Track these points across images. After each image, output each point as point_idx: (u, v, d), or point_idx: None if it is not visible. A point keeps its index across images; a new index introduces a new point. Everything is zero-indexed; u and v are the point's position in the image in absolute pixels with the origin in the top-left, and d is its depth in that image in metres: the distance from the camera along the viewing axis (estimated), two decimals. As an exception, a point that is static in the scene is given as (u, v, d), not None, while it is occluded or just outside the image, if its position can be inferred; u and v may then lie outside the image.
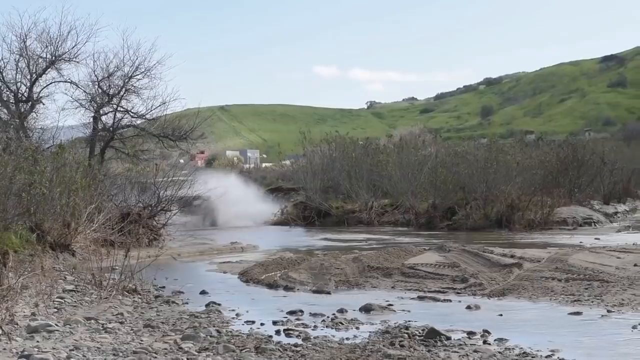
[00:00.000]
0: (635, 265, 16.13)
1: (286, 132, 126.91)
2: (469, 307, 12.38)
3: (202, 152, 78.90)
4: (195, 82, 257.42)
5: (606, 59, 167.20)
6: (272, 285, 15.34)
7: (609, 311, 11.66)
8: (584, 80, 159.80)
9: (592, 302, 12.49)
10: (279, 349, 9.04)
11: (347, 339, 9.90)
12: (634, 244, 21.09)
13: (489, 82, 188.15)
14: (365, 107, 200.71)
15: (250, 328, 10.77)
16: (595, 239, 24.50)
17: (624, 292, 13.12)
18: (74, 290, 13.21)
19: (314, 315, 11.70)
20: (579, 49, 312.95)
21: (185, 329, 10.39)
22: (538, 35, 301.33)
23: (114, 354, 8.43)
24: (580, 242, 22.91)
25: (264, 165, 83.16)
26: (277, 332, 10.38)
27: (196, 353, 8.77)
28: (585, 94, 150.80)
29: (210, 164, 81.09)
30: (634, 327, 10.45)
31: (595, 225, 30.83)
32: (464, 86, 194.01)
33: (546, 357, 8.73)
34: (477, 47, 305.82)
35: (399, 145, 44.46)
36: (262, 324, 11.07)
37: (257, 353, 8.88)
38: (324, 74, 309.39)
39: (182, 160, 34.29)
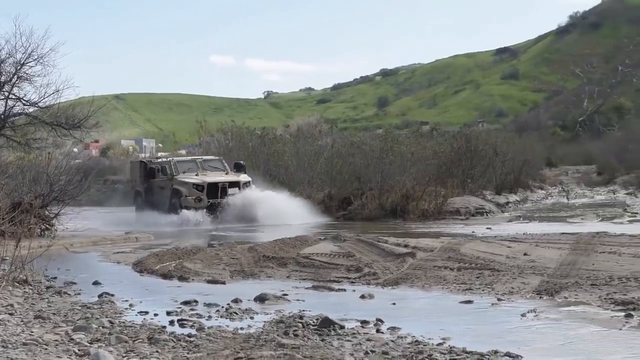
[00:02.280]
0: (525, 254, 16.46)
1: (182, 121, 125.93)
2: (363, 297, 12.47)
3: (97, 141, 77.83)
4: (90, 71, 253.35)
5: (500, 51, 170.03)
6: (166, 276, 15.23)
7: (499, 299, 11.88)
8: (478, 72, 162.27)
9: (483, 290, 12.70)
10: (172, 340, 8.98)
11: (242, 328, 9.89)
12: (524, 233, 21.51)
13: (385, 73, 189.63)
14: (262, 97, 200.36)
15: (144, 319, 10.67)
16: (487, 228, 24.95)
17: (513, 280, 13.38)
18: (-38, 282, 12.89)
19: (209, 305, 11.65)
20: (474, 41, 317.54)
21: (77, 320, 10.24)
22: (433, 27, 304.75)
23: (2, 346, 8.26)
24: (473, 232, 23.29)
25: (159, 154, 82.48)
26: (171, 323, 10.31)
27: (88, 344, 8.66)
28: (479, 85, 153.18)
29: (105, 153, 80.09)
30: (523, 314, 10.66)
31: (487, 215, 31.39)
32: (361, 77, 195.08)
33: (437, 344, 8.85)
34: (373, 38, 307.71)
35: (295, 135, 44.60)
36: (155, 315, 10.98)
37: (150, 344, 8.81)
38: (220, 64, 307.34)
39: (75, 149, 33.77)
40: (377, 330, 9.76)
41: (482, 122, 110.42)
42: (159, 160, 34.85)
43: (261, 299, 12.17)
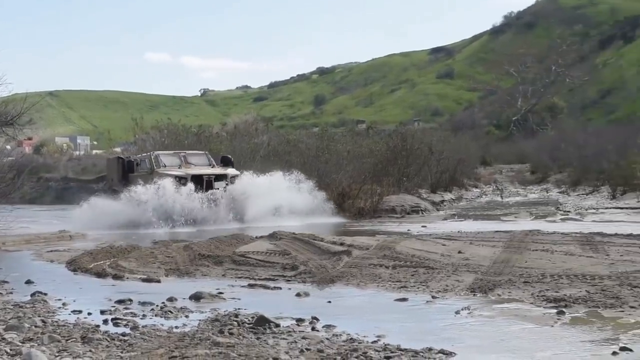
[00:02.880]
0: (459, 252, 16.60)
1: (118, 119, 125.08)
2: (298, 295, 12.49)
3: (30, 139, 76.76)
4: (24, 67, 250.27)
5: (435, 50, 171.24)
6: (100, 274, 15.09)
7: (433, 297, 11.96)
8: (414, 71, 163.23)
9: (418, 288, 12.79)
10: (106, 339, 8.91)
11: (176, 327, 9.85)
12: (459, 231, 21.71)
13: (322, 72, 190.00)
14: (199, 94, 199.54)
15: (77, 318, 10.57)
16: (423, 226, 25.11)
17: (448, 278, 13.49)
18: None
19: (143, 304, 11.58)
20: (410, 40, 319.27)
21: (9, 319, 10.11)
22: (370, 26, 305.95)
23: None
24: (408, 230, 23.43)
25: (94, 152, 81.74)
26: (105, 322, 10.22)
27: (20, 344, 8.55)
28: (415, 84, 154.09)
29: (38, 150, 79.10)
30: (457, 312, 10.75)
31: (422, 214, 31.60)
32: (298, 75, 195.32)
33: (372, 342, 8.89)
34: (310, 36, 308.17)
35: (232, 133, 44.49)
36: (89, 314, 10.88)
37: (84, 343, 8.73)
38: (156, 61, 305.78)
39: (8, 147, 33.23)
40: (313, 329, 9.77)
41: (418, 121, 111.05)
42: (138, 155, 33.11)
43: (196, 297, 12.12)
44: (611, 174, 36.66)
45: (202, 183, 28.69)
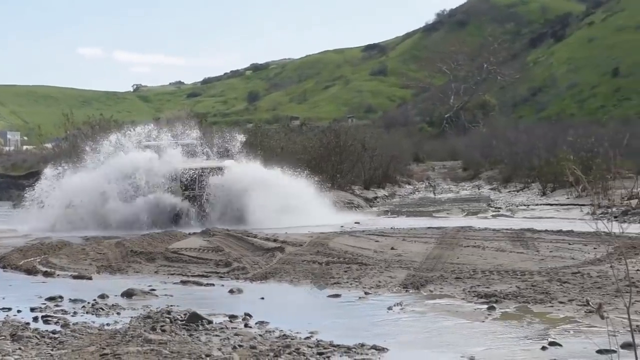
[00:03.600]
0: (392, 248, 16.71)
1: (49, 114, 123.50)
2: (231, 291, 12.46)
3: (-41, 134, 75.61)
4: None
5: (369, 47, 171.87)
6: (30, 271, 14.91)
7: (366, 293, 12.02)
8: (348, 68, 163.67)
9: (351, 284, 12.83)
10: (36, 336, 8.81)
11: (108, 324, 9.77)
12: (391, 228, 21.82)
13: (255, 68, 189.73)
14: (132, 90, 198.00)
15: (7, 315, 10.44)
16: (356, 223, 25.17)
17: (381, 274, 13.55)
18: None
19: (74, 301, 11.47)
20: (343, 37, 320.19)
21: (-64, 318, 9.95)
22: (304, 23, 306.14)
23: None
24: (341, 227, 23.47)
25: (25, 147, 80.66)
26: (35, 319, 10.11)
27: (-53, 343, 8.42)
28: (348, 81, 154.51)
29: (-34, 145, 77.87)
30: (390, 308, 10.81)
31: (356, 210, 31.68)
32: (231, 71, 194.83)
33: (305, 338, 8.90)
34: (244, 32, 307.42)
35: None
36: (19, 311, 10.75)
37: (13, 340, 8.62)
38: (89, 56, 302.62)
39: None
40: (245, 325, 9.76)
41: (352, 118, 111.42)
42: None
43: (128, 294, 12.03)
44: (541, 170, 37.07)
45: (195, 179, 25.47)
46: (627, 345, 7.54)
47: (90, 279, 14.09)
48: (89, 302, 11.31)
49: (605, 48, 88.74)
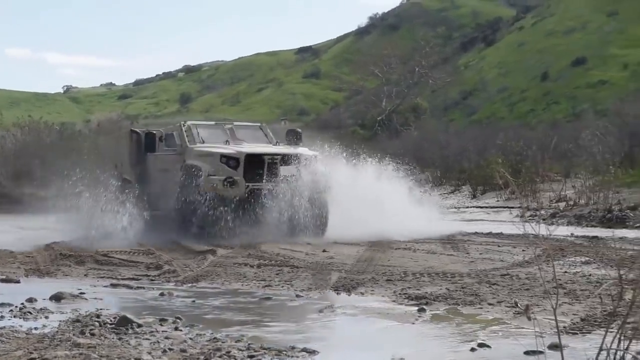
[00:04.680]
0: (324, 250, 16.78)
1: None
2: (162, 294, 12.38)
3: None
4: None
5: (302, 50, 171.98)
6: (-44, 275, 14.67)
7: (297, 295, 12.03)
8: (281, 70, 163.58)
9: (283, 287, 12.84)
10: (-39, 341, 8.66)
11: (36, 328, 9.63)
12: (323, 230, 21.83)
13: (188, 70, 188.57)
14: (62, 91, 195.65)
15: None
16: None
17: (312, 277, 13.59)
18: None
19: (1, 304, 11.24)
20: (277, 40, 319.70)
21: None
22: (237, 25, 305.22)
23: None
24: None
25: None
26: (-40, 324, 9.95)
27: None
28: (281, 84, 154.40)
29: None
30: (321, 310, 10.84)
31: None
32: (163, 73, 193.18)
33: (236, 341, 8.88)
34: (176, 33, 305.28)
35: (96, 130, 43.87)
36: (-56, 316, 10.56)
37: (-64, 346, 8.47)
38: (17, 57, 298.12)
39: None
40: (176, 328, 9.69)
41: (285, 120, 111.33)
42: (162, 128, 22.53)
43: (57, 297, 11.88)
44: (471, 174, 37.46)
45: (262, 168, 19.35)
46: (554, 346, 7.64)
47: (18, 282, 13.87)
48: (16, 306, 11.13)
49: (534, 52, 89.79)
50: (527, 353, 8.13)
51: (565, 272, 13.03)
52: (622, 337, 5.47)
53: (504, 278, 12.67)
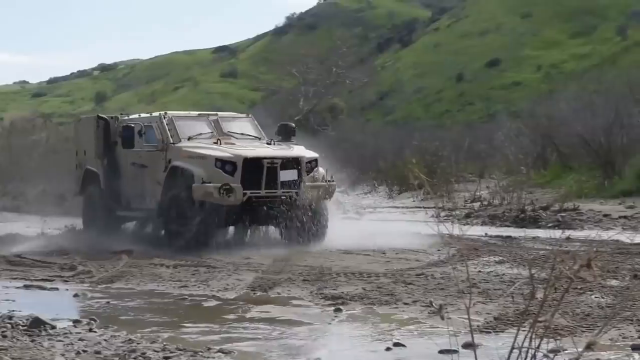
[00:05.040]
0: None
1: None
2: (76, 295, 12.24)
3: None
4: None
5: (219, 49, 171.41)
6: None
7: (214, 296, 12.02)
8: (198, 69, 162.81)
9: (199, 287, 12.79)
10: None
11: (-56, 332, 9.44)
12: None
13: (103, 68, 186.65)
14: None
15: None
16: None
17: (229, 277, 13.53)
18: None
19: None
20: (193, 38, 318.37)
21: None
22: (153, 23, 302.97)
23: None
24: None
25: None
26: None
27: None
28: (198, 83, 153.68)
29: None
30: (237, 311, 10.83)
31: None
32: (78, 71, 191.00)
33: (151, 342, 8.81)
34: (91, 31, 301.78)
35: (8, 129, 43.14)
36: None
37: None
38: None
39: None
40: (90, 330, 9.57)
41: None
42: (135, 117, 19.87)
43: (-32, 300, 11.68)
44: (388, 174, 37.69)
45: (261, 173, 16.95)
46: (467, 345, 7.73)
47: None
48: None
49: (450, 53, 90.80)
50: (441, 352, 8.22)
51: (479, 271, 13.17)
52: (534, 336, 5.55)
53: (419, 278, 12.77)
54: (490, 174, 31.24)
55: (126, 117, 19.74)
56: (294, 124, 20.18)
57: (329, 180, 18.17)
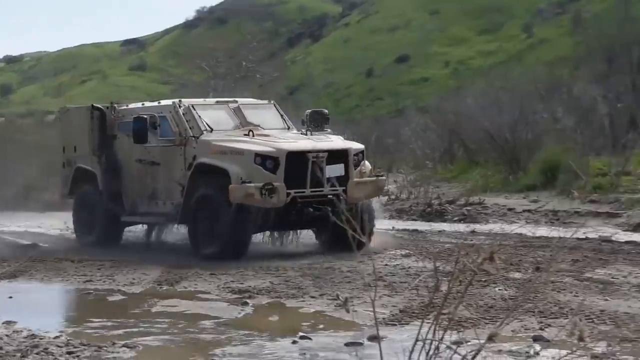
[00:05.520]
0: (147, 245, 16.66)
1: None
2: (-23, 291, 12.04)
3: None
4: None
5: (128, 42, 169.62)
6: None
7: (119, 290, 11.93)
8: (106, 62, 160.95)
9: (104, 282, 12.65)
10: None
11: None
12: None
13: (9, 60, 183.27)
14: None
15: None
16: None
17: (135, 271, 13.37)
18: None
19: None
20: (102, 31, 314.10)
21: None
22: (60, 15, 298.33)
23: None
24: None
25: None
26: None
27: None
28: (106, 76, 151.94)
29: None
30: (143, 305, 10.78)
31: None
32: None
33: (54, 337, 8.69)
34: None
35: None
36: None
37: None
38: None
39: None
40: (-8, 326, 9.43)
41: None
42: (137, 106, 17.18)
43: None
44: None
45: (306, 169, 14.37)
46: (373, 338, 7.79)
47: None
48: None
49: (360, 49, 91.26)
50: (347, 345, 8.28)
51: (386, 264, 13.27)
52: (438, 328, 5.60)
53: (327, 271, 12.81)
54: (398, 169, 31.44)
55: (124, 107, 17.09)
56: (326, 111, 16.98)
57: (377, 175, 15.85)
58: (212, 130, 15.12)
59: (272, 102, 17.43)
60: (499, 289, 10.70)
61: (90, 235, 16.52)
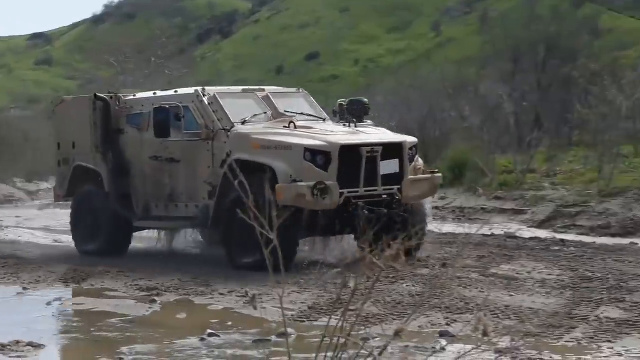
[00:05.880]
0: (55, 241, 16.45)
1: None
2: None
3: None
4: None
5: (35, 36, 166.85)
6: None
7: (24, 288, 11.71)
8: (11, 56, 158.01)
9: (9, 279, 12.44)
10: None
11: None
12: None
13: None
14: None
15: None
16: (17, 217, 24.24)
17: (40, 269, 13.19)
18: None
19: None
20: (8, 25, 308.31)
21: None
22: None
23: None
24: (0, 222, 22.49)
25: None
26: None
27: None
28: (11, 70, 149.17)
29: None
30: (49, 303, 10.62)
31: (17, 204, 30.72)
32: None
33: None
34: None
35: None
36: None
37: None
38: None
39: None
40: None
41: (15, 108, 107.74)
42: (147, 96, 15.16)
43: None
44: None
45: (360, 166, 12.67)
46: (281, 334, 7.81)
47: None
48: None
49: (270, 46, 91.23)
50: (255, 342, 8.27)
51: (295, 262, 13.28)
52: (345, 324, 5.63)
53: (237, 268, 12.74)
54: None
55: (131, 97, 15.05)
56: (367, 100, 15.51)
57: (433, 171, 13.92)
58: (244, 122, 13.39)
59: (301, 90, 15.49)
60: (407, 285, 10.79)
61: (93, 243, 14.65)
